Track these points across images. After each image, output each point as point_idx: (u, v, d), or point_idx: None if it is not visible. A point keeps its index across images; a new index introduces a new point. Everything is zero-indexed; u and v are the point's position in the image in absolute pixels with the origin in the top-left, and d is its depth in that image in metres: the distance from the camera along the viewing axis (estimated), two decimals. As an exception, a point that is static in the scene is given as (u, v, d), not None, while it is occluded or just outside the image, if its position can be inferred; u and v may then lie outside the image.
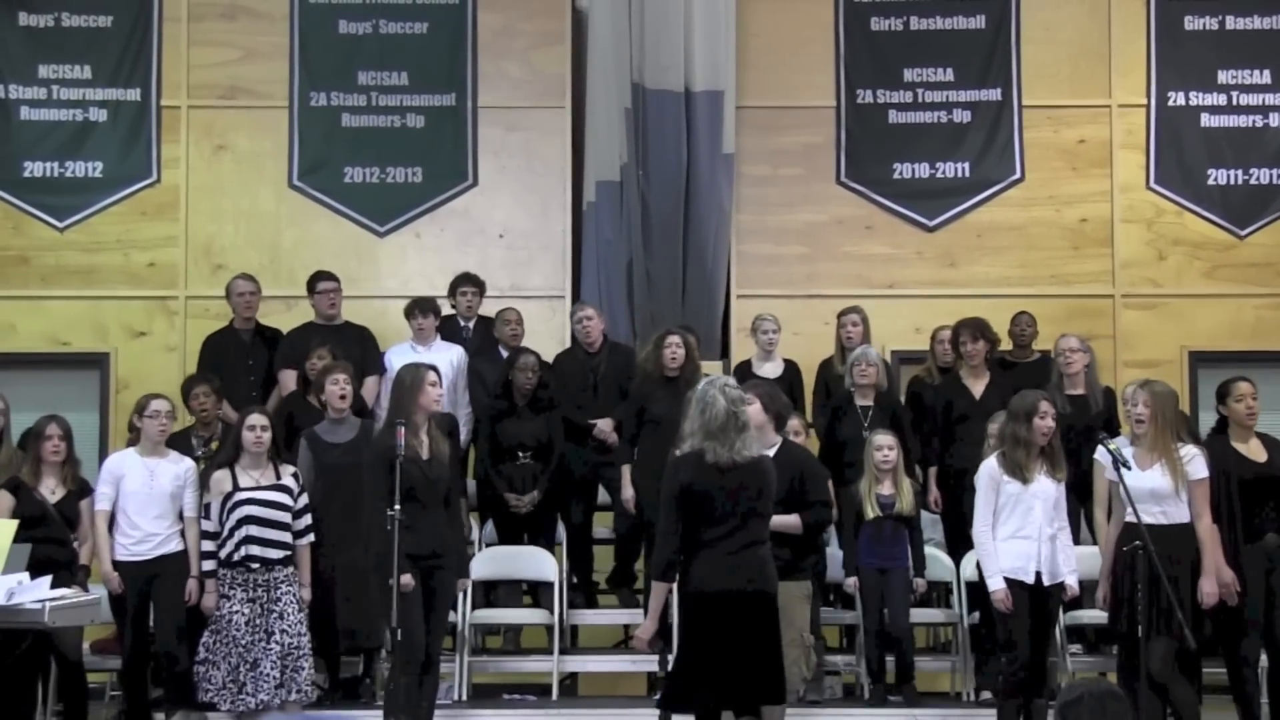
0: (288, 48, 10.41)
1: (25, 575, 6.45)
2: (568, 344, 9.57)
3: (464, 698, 8.13)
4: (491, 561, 8.49)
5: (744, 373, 8.86)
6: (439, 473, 7.01)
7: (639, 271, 10.15)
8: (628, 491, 8.39)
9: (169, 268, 10.28)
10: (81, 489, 7.69)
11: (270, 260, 10.16)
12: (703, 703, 6.01)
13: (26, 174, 10.29)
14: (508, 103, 10.43)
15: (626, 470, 8.43)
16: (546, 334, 9.82)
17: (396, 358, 8.99)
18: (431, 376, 7.14)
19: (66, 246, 10.27)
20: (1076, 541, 8.30)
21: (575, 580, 8.79)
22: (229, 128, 10.40)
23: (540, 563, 8.44)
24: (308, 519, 7.60)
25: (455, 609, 8.13)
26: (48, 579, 6.56)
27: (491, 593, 8.72)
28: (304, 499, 7.61)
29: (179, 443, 8.07)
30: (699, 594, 5.97)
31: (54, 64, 10.35)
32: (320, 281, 9.39)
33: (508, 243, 10.38)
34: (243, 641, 7.31)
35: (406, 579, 6.78)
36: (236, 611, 7.35)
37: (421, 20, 10.47)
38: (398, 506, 6.72)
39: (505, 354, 9.06)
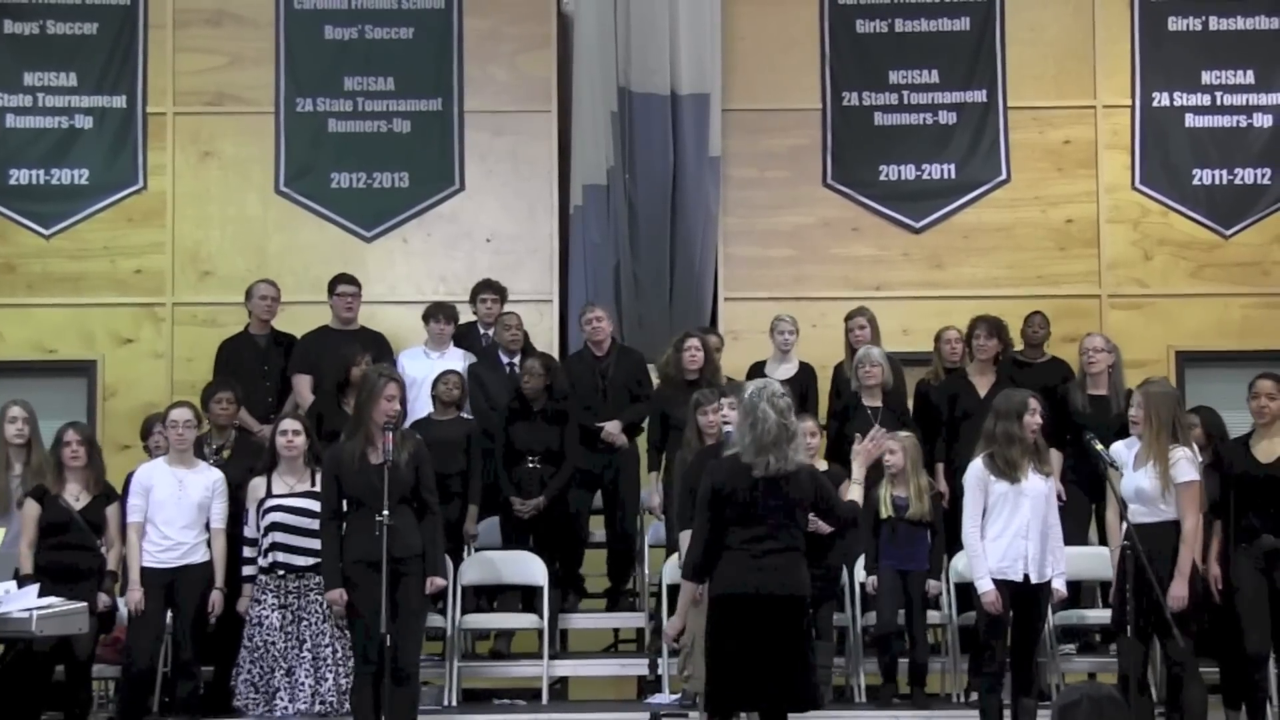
0: (273, 54, 10.40)
1: (12, 584, 6.46)
2: (555, 347, 9.55)
3: (454, 703, 8.12)
4: (480, 566, 8.47)
5: (757, 373, 8.80)
6: (395, 478, 6.78)
7: (626, 275, 10.15)
8: (655, 499, 8.36)
9: (156, 274, 10.26)
10: (108, 494, 7.69)
11: (257, 266, 10.13)
12: (740, 706, 5.98)
13: (12, 181, 10.27)
14: (494, 107, 10.43)
15: (655, 478, 8.39)
16: (534, 338, 9.77)
17: (409, 361, 8.96)
18: (389, 390, 6.91)
19: (53, 254, 10.25)
20: (1086, 542, 8.31)
21: (560, 573, 8.62)
22: (215, 134, 10.38)
23: (529, 567, 8.41)
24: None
25: (445, 614, 8.14)
26: (35, 587, 6.57)
27: (494, 599, 8.68)
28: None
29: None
30: (727, 597, 5.94)
31: (39, 71, 10.32)
32: (340, 284, 9.33)
33: (495, 247, 10.37)
34: (275, 648, 7.32)
35: (336, 594, 6.76)
36: (268, 618, 7.36)
37: (407, 25, 10.46)
38: (385, 512, 6.69)
39: (505, 359, 9.03)
